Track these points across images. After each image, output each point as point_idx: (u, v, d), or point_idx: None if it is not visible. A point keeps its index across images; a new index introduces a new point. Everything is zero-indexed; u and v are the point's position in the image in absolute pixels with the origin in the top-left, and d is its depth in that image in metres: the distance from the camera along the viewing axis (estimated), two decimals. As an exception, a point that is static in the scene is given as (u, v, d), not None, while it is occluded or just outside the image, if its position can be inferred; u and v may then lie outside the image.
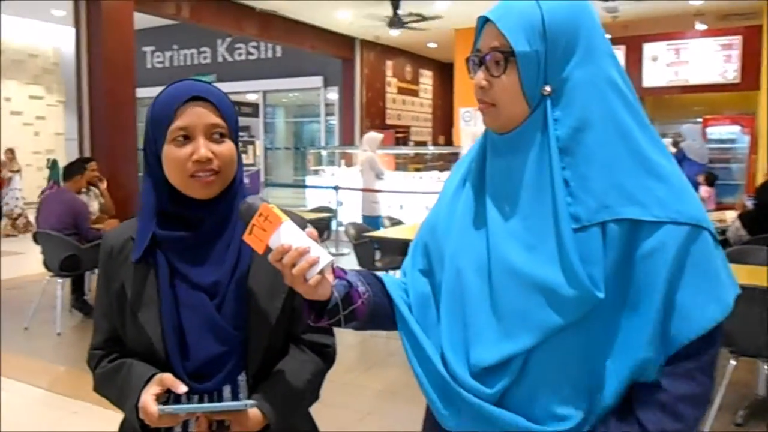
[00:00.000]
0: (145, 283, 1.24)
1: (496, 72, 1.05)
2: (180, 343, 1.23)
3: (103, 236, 1.34)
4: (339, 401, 4.04)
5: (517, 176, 1.07)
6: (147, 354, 1.24)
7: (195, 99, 1.21)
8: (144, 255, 1.24)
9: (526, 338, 1.03)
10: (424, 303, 1.20)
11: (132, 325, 1.25)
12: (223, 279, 1.24)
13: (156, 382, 1.19)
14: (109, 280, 1.28)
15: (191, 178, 1.20)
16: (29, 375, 4.48)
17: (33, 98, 15.34)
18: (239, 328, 1.25)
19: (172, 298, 1.23)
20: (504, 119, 1.08)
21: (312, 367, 1.34)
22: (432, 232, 1.22)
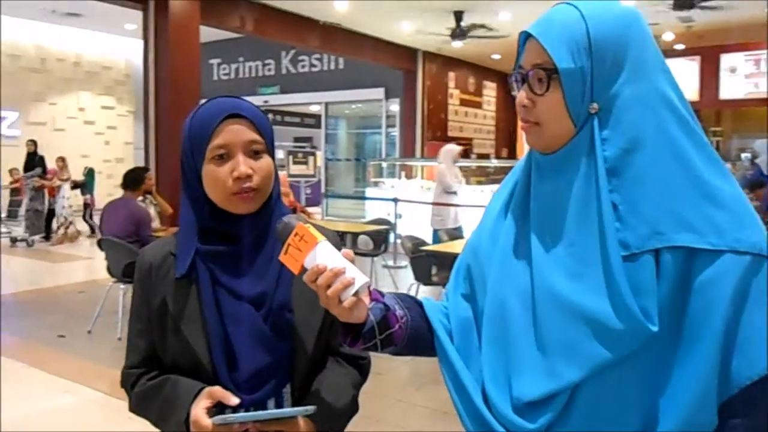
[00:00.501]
0: (187, 297, 1.24)
1: (539, 90, 1.00)
2: (227, 355, 1.22)
3: (141, 252, 1.33)
4: (389, 419, 3.98)
5: (562, 199, 1.01)
6: (192, 369, 1.23)
7: (232, 116, 1.21)
8: (189, 272, 1.24)
9: (572, 373, 0.96)
10: (465, 329, 1.15)
11: (175, 340, 1.24)
12: (268, 290, 1.24)
13: (205, 396, 1.18)
14: (149, 297, 1.28)
15: (233, 196, 1.20)
16: (90, 378, 4.59)
17: (105, 108, 15.97)
18: (286, 339, 1.24)
19: (217, 310, 1.22)
20: (548, 139, 1.02)
21: (352, 380, 1.34)
22: (475, 256, 1.17)
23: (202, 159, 1.21)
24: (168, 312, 1.24)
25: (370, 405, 4.05)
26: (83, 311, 6.02)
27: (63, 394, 4.40)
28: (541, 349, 1.00)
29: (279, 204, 1.29)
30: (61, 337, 5.59)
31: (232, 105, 1.23)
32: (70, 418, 4.05)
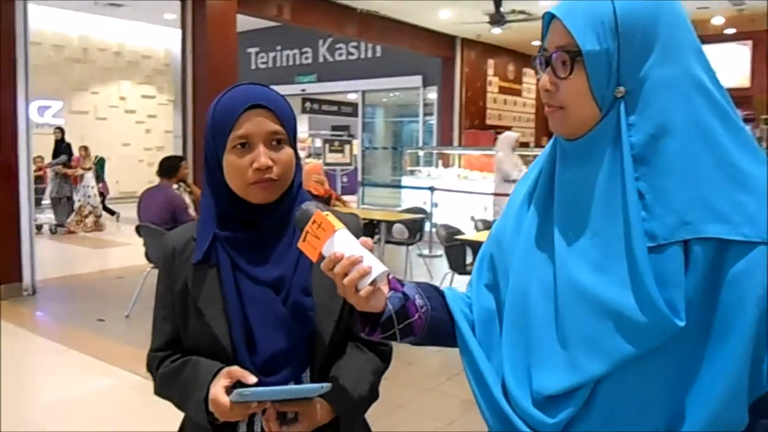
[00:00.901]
0: (208, 281, 1.25)
1: (563, 73, 0.97)
2: (247, 338, 1.23)
3: (164, 237, 1.36)
4: (421, 408, 3.99)
5: (586, 187, 0.97)
6: (212, 351, 1.24)
7: (255, 106, 1.21)
8: (205, 255, 1.25)
9: (594, 367, 0.93)
10: (488, 319, 1.13)
11: (197, 323, 1.26)
12: (287, 274, 1.25)
13: (224, 375, 1.19)
14: (172, 281, 1.30)
15: (251, 185, 1.21)
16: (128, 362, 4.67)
17: (145, 97, 16.26)
18: (305, 323, 1.25)
19: (237, 294, 1.24)
20: (572, 124, 0.99)
21: (371, 366, 1.33)
22: (498, 245, 1.15)
23: (223, 148, 1.22)
24: (189, 295, 1.26)
25: (401, 394, 4.12)
26: (122, 296, 6.13)
27: (101, 376, 4.49)
28: (562, 342, 0.98)
29: (301, 192, 1.29)
30: (100, 321, 5.70)
31: (255, 94, 1.23)
32: (108, 400, 4.14)
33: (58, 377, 4.65)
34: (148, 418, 3.56)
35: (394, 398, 4.01)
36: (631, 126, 0.94)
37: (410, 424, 3.77)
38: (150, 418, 3.56)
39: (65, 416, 3.88)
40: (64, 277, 7.54)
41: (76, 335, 5.35)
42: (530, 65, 10.89)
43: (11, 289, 6.42)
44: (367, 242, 1.06)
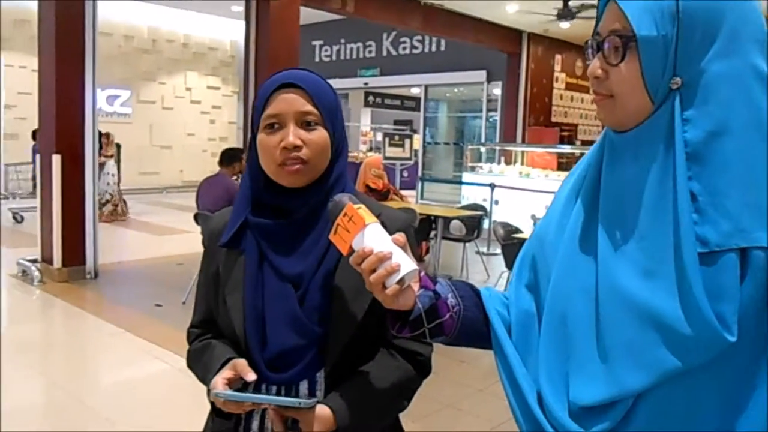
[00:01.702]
0: (235, 268, 1.25)
1: (614, 59, 0.89)
2: (260, 330, 1.22)
3: (209, 219, 1.38)
4: (471, 408, 3.92)
5: (635, 186, 0.90)
6: (231, 339, 1.26)
7: (287, 86, 1.20)
8: (238, 241, 1.25)
9: (636, 380, 0.86)
10: (526, 322, 1.06)
11: (222, 308, 1.27)
12: (307, 271, 1.22)
13: (230, 367, 1.19)
14: (209, 263, 1.31)
15: (280, 167, 1.19)
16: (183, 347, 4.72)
17: (211, 88, 16.58)
18: (320, 323, 1.21)
19: (259, 285, 1.23)
20: (621, 115, 0.91)
21: (399, 373, 1.26)
22: (540, 245, 1.08)
23: (258, 128, 1.22)
24: (220, 279, 1.27)
25: (451, 393, 4.06)
26: (180, 282, 6.24)
27: (155, 360, 4.57)
28: (603, 351, 0.91)
29: (341, 181, 1.26)
30: (158, 306, 5.81)
31: (290, 75, 1.22)
32: (161, 384, 4.21)
33: (115, 359, 4.76)
34: (199, 403, 3.60)
35: (444, 397, 3.95)
36: (686, 121, 0.86)
37: (459, 424, 3.71)
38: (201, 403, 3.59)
39: (120, 398, 3.96)
40: (126, 261, 7.74)
41: (134, 319, 5.48)
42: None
43: (75, 272, 6.63)
44: (399, 239, 1.02)
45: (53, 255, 6.55)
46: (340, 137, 1.25)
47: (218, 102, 16.64)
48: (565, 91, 15.35)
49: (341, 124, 1.27)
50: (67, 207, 6.56)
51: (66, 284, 6.47)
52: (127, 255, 8.06)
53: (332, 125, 1.23)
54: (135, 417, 3.62)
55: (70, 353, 4.96)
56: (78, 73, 6.56)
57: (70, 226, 6.58)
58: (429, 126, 17.55)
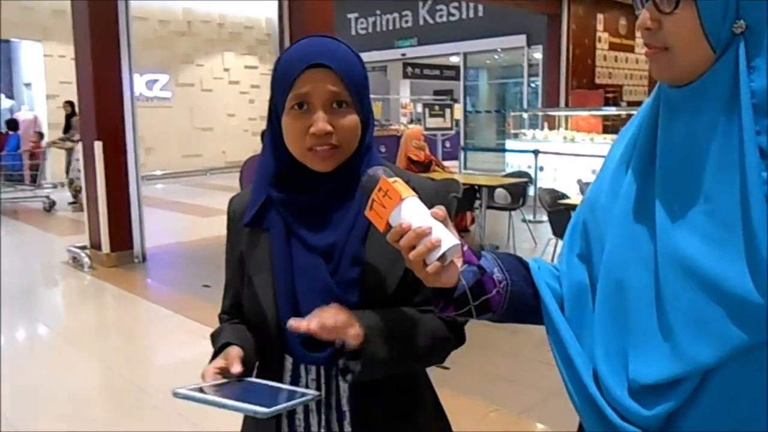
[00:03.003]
0: (260, 247, 1.21)
1: (667, 7, 0.80)
2: (294, 308, 1.16)
3: (229, 201, 1.32)
4: (522, 378, 3.85)
5: (696, 143, 0.82)
6: (260, 321, 1.20)
7: (314, 65, 1.12)
8: (260, 220, 1.21)
9: (703, 355, 0.79)
10: (579, 294, 0.99)
11: (248, 290, 1.22)
12: (338, 242, 1.17)
13: (223, 356, 1.14)
14: (233, 246, 1.27)
15: (309, 151, 1.14)
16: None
17: (248, 68, 16.62)
18: (354, 295, 1.15)
19: (287, 261, 1.18)
20: (679, 68, 0.83)
21: (431, 319, 1.14)
22: (592, 211, 1.00)
23: (282, 107, 1.15)
24: (244, 261, 1.23)
25: (503, 363, 4.00)
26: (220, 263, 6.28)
27: (203, 341, 4.57)
28: (665, 326, 0.83)
29: (370, 156, 1.20)
30: (206, 287, 5.85)
31: (316, 51, 1.13)
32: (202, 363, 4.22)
33: (164, 341, 4.82)
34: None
35: (496, 368, 3.90)
36: (753, 69, 0.78)
37: (512, 394, 3.65)
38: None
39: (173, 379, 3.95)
40: (172, 244, 7.84)
41: (183, 301, 5.54)
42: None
43: (123, 256, 6.73)
44: (438, 213, 0.95)
45: (101, 241, 6.67)
46: (367, 112, 1.18)
47: (256, 81, 16.66)
48: (608, 51, 14.91)
49: (368, 98, 1.20)
50: (111, 192, 6.66)
51: (115, 269, 6.58)
52: (174, 237, 8.15)
53: (361, 103, 1.16)
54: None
55: (123, 337, 5.04)
56: (114, 60, 6.60)
57: (115, 211, 6.68)
58: (469, 95, 17.30)
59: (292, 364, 1.19)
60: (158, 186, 13.45)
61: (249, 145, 14.59)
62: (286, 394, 1.08)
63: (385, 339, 1.08)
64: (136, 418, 3.49)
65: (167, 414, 3.45)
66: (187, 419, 3.38)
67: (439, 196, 1.18)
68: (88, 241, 6.91)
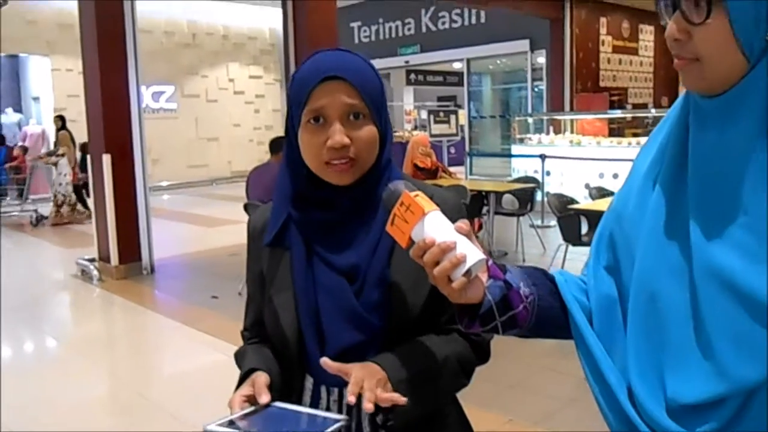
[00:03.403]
0: (280, 265, 1.19)
1: (696, 18, 0.77)
2: (316, 329, 1.14)
3: (249, 218, 1.31)
4: (536, 386, 3.82)
5: (730, 154, 0.79)
6: (281, 340, 1.17)
7: (329, 78, 1.10)
8: (281, 238, 1.18)
9: (749, 373, 0.76)
10: (608, 308, 0.96)
11: (268, 309, 1.20)
12: (362, 262, 1.14)
13: (249, 383, 1.11)
14: (253, 262, 1.25)
15: (326, 165, 1.11)
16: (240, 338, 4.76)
17: (253, 78, 16.68)
18: (379, 317, 1.13)
19: (310, 281, 1.15)
20: (712, 78, 0.80)
21: (456, 346, 1.14)
22: (619, 222, 0.97)
23: (299, 122, 1.13)
24: (265, 279, 1.21)
25: (515, 371, 3.96)
26: (234, 273, 6.26)
27: (214, 352, 4.58)
28: (704, 342, 0.80)
29: (390, 170, 1.17)
30: (214, 298, 5.84)
31: (331, 64, 1.11)
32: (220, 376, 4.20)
33: (176, 353, 4.81)
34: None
35: (508, 376, 3.86)
36: None
37: (524, 403, 3.61)
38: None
39: (183, 391, 3.99)
40: (180, 255, 7.82)
41: (191, 312, 5.52)
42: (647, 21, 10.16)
43: (131, 268, 6.73)
44: (462, 227, 0.92)
45: (110, 253, 6.67)
46: (385, 124, 1.16)
47: (261, 91, 16.71)
48: (612, 54, 14.91)
49: (386, 111, 1.17)
50: (119, 205, 6.66)
51: (124, 281, 6.57)
52: (181, 248, 8.14)
53: (378, 115, 1.13)
54: (197, 409, 3.62)
55: (132, 349, 5.02)
56: (122, 72, 6.62)
57: (124, 223, 6.68)
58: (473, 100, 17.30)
59: (312, 384, 1.17)
60: (164, 197, 13.45)
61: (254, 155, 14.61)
62: (320, 422, 1.05)
63: (414, 390, 1.06)
64: (144, 429, 3.47)
65: (176, 426, 3.43)
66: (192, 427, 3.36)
67: (462, 210, 1.16)
68: (97, 254, 6.91)
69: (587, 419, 3.35)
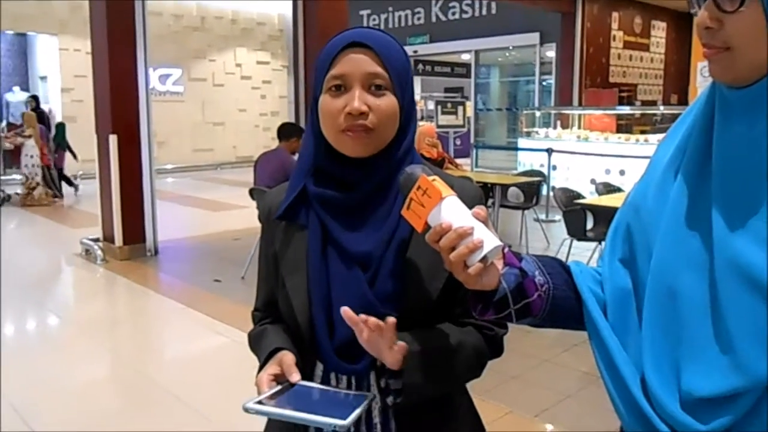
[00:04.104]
0: (295, 246, 1.16)
1: (730, 6, 0.77)
2: (327, 316, 1.12)
3: (264, 196, 1.29)
4: (538, 380, 3.81)
5: (757, 147, 0.78)
6: (292, 324, 1.16)
7: (354, 45, 1.09)
8: (296, 214, 1.16)
9: (765, 369, 0.75)
10: (622, 300, 0.95)
11: (281, 291, 1.17)
12: (376, 250, 1.11)
13: (276, 361, 1.10)
14: (267, 242, 1.23)
15: (342, 133, 1.09)
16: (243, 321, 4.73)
17: (260, 63, 16.65)
18: (390, 308, 1.10)
19: (323, 266, 1.13)
20: (742, 68, 0.79)
21: (470, 337, 1.13)
22: (637, 214, 0.96)
23: (321, 89, 1.11)
24: (278, 259, 1.18)
25: (517, 364, 3.96)
26: (238, 257, 6.28)
27: (216, 335, 4.60)
28: (722, 336, 0.79)
29: (411, 153, 1.15)
30: (217, 281, 5.85)
31: (358, 34, 1.10)
32: (222, 358, 4.23)
33: (178, 335, 4.82)
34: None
35: (510, 369, 3.86)
36: None
37: (526, 395, 3.61)
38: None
39: (184, 373, 4.00)
40: (184, 238, 7.83)
41: (194, 294, 5.53)
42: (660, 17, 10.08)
43: (135, 249, 6.74)
44: (480, 213, 0.92)
45: (114, 234, 6.67)
46: (409, 104, 1.13)
47: (268, 77, 16.67)
48: (623, 50, 14.83)
49: (411, 90, 1.15)
50: (125, 186, 6.66)
51: (127, 262, 6.59)
52: (185, 232, 8.16)
53: (401, 90, 1.11)
54: (200, 392, 3.64)
55: (135, 330, 5.04)
56: (130, 54, 6.61)
57: (129, 204, 6.68)
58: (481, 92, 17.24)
59: (322, 371, 1.15)
60: (169, 180, 13.46)
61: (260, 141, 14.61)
62: (350, 399, 1.05)
63: (425, 367, 1.04)
64: (147, 410, 3.48)
65: (179, 406, 3.45)
66: (196, 411, 3.38)
67: (481, 198, 1.15)
68: (101, 234, 6.92)
69: (587, 412, 3.36)
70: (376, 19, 17.48)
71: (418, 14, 16.65)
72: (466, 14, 15.71)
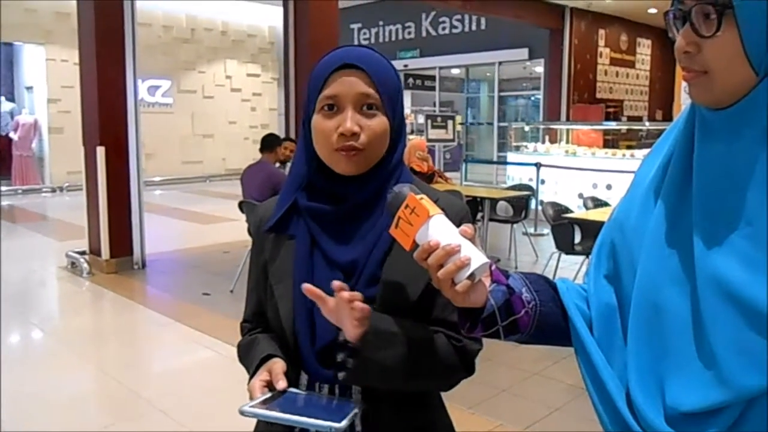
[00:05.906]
0: (284, 255, 1.19)
1: (706, 31, 0.79)
2: (309, 323, 1.15)
3: (256, 209, 1.31)
4: (525, 392, 3.83)
5: (736, 166, 0.80)
6: (279, 331, 1.19)
7: (346, 66, 1.12)
8: (286, 226, 1.19)
9: (748, 381, 0.77)
10: (607, 316, 0.97)
11: (270, 300, 1.20)
12: (360, 259, 1.15)
13: (266, 368, 1.12)
14: (257, 253, 1.25)
15: (335, 152, 1.12)
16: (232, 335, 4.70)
17: (250, 76, 16.64)
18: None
19: (309, 273, 1.16)
20: (720, 91, 0.81)
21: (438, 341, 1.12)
22: (621, 230, 0.98)
23: (313, 109, 1.15)
24: (267, 269, 1.21)
25: (505, 377, 3.97)
26: (227, 271, 6.26)
27: (204, 349, 4.58)
28: (704, 351, 0.81)
29: (399, 169, 1.18)
30: (206, 295, 5.83)
31: (350, 54, 1.14)
32: (210, 372, 4.20)
33: (165, 349, 4.79)
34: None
35: (498, 381, 3.87)
36: None
37: (514, 408, 3.62)
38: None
39: (172, 387, 3.98)
40: (173, 251, 7.78)
41: (182, 308, 5.50)
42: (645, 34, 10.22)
43: (122, 262, 6.69)
44: (467, 231, 0.93)
45: (101, 246, 6.62)
46: (399, 123, 1.17)
47: (258, 89, 16.67)
48: (609, 66, 15.02)
49: (401, 108, 1.18)
50: (112, 198, 6.62)
51: (114, 275, 6.54)
52: (173, 244, 8.11)
53: (392, 110, 1.15)
54: (187, 406, 3.61)
55: (122, 344, 5.00)
56: (119, 65, 6.59)
57: (116, 217, 6.64)
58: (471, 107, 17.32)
59: (307, 380, 1.16)
60: (157, 192, 13.40)
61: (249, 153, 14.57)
62: (338, 405, 1.08)
63: (382, 346, 1.05)
64: (134, 425, 3.46)
65: (164, 421, 3.42)
66: (182, 425, 3.35)
67: (467, 215, 1.17)
68: (88, 247, 6.86)
69: (576, 425, 3.37)
70: (366, 33, 17.55)
71: (409, 29, 16.75)
72: (456, 29, 15.83)
